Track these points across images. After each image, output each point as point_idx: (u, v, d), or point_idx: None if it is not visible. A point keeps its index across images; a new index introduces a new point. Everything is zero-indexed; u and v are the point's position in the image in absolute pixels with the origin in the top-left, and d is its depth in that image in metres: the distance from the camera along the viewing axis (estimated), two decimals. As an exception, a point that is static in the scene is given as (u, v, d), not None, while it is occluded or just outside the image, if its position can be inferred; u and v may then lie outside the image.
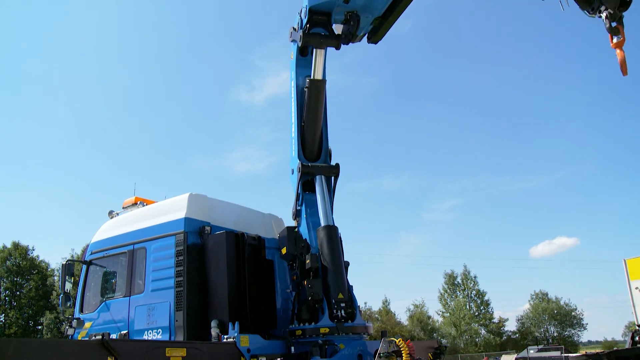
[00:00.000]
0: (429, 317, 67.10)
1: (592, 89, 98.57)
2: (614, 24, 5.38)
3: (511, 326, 71.10)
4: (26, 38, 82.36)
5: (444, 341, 58.58)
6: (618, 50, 5.39)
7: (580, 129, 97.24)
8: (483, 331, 63.84)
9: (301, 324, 7.22)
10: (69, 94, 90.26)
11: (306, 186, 8.23)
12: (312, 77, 8.06)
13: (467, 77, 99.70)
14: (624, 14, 5.39)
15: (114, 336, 7.77)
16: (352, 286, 7.60)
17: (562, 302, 68.16)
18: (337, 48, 7.92)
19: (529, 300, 71.53)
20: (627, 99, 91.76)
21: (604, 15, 5.39)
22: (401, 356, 6.34)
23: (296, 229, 7.99)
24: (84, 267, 9.15)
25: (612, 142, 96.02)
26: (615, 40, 5.42)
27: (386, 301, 68.44)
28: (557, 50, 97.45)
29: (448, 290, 65.63)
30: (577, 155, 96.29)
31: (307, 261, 7.34)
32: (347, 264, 7.75)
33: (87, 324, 8.56)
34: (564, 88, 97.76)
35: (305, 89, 8.20)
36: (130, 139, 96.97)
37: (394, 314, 66.69)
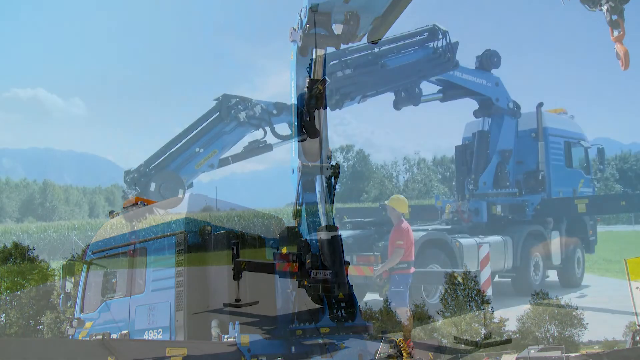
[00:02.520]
0: (430, 317, 67.25)
1: (592, 88, 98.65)
2: (614, 17, 5.42)
3: (512, 326, 71.23)
4: (26, 38, 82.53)
5: (444, 341, 58.58)
6: (619, 45, 5.43)
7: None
8: (483, 331, 63.97)
9: (301, 324, 7.22)
10: (69, 94, 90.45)
11: (306, 186, 8.24)
12: (312, 77, 8.07)
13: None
14: (624, 7, 5.41)
15: (114, 336, 7.78)
16: (352, 286, 7.60)
17: (562, 302, 68.32)
18: (337, 48, 7.92)
19: (530, 300, 71.67)
20: (627, 99, 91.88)
21: (604, 8, 5.43)
22: (401, 356, 6.34)
23: (296, 229, 7.99)
24: (85, 267, 9.17)
25: (613, 142, 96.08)
26: (615, 33, 5.45)
27: (387, 301, 68.58)
28: (557, 50, 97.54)
29: (449, 290, 65.77)
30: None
31: (307, 261, 7.34)
32: (347, 263, 7.75)
33: (88, 324, 8.57)
34: (564, 88, 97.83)
35: (306, 89, 8.21)
36: (132, 138, 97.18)
37: (395, 314, 66.82)
